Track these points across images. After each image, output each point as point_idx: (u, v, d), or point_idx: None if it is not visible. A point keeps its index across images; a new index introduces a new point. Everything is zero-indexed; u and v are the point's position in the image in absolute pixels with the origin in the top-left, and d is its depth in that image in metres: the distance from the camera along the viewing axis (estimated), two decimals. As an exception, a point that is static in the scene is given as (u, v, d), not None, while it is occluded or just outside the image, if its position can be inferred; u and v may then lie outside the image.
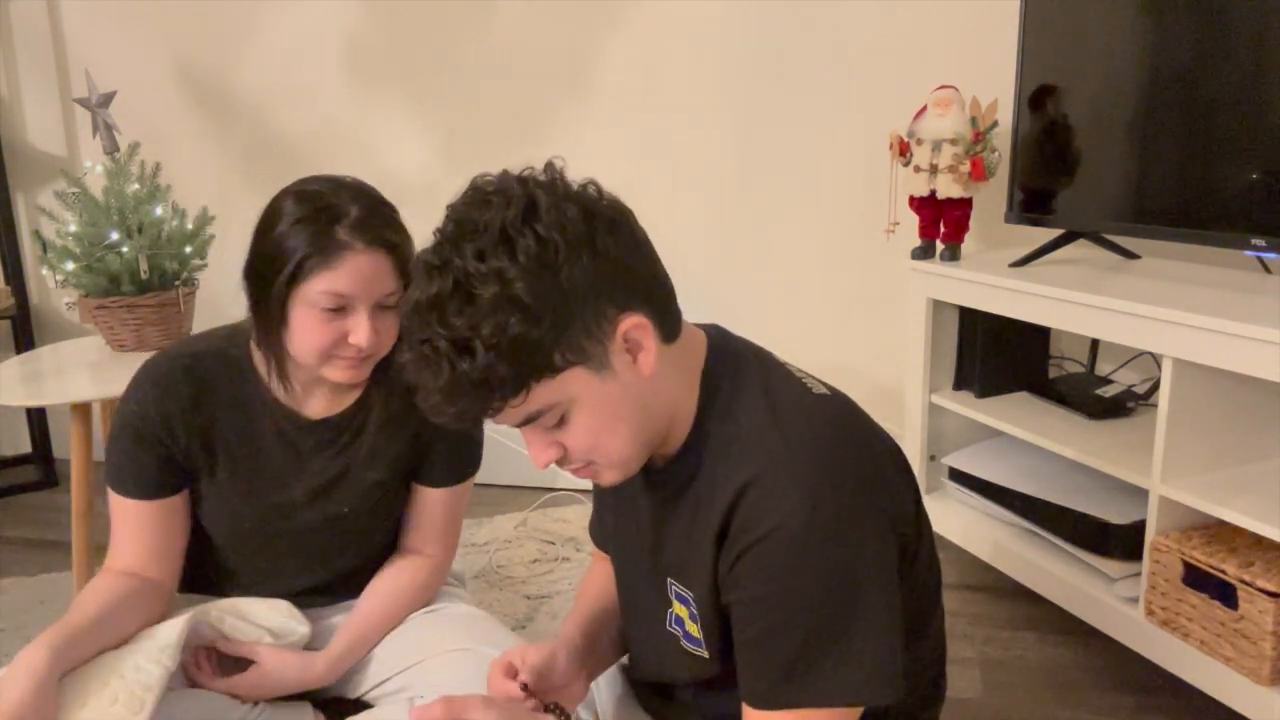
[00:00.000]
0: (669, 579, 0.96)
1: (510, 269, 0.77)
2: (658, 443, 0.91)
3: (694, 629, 0.95)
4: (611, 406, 0.84)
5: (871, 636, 0.83)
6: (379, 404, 1.25)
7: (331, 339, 1.14)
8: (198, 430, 1.21)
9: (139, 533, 1.22)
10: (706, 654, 0.95)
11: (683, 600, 0.96)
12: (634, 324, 0.83)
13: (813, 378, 0.94)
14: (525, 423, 0.84)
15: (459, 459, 1.32)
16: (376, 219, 1.14)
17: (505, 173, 0.84)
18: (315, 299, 1.12)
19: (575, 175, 0.86)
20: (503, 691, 0.99)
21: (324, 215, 1.12)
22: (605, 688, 1.15)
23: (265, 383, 1.23)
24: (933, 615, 1.03)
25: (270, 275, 1.13)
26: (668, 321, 0.88)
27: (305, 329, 1.14)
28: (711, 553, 0.88)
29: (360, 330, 1.13)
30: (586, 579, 1.22)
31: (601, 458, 0.88)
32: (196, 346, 1.24)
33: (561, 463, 0.89)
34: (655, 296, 0.86)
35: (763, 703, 0.86)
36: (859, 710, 0.85)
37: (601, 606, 1.14)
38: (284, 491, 1.25)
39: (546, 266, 0.78)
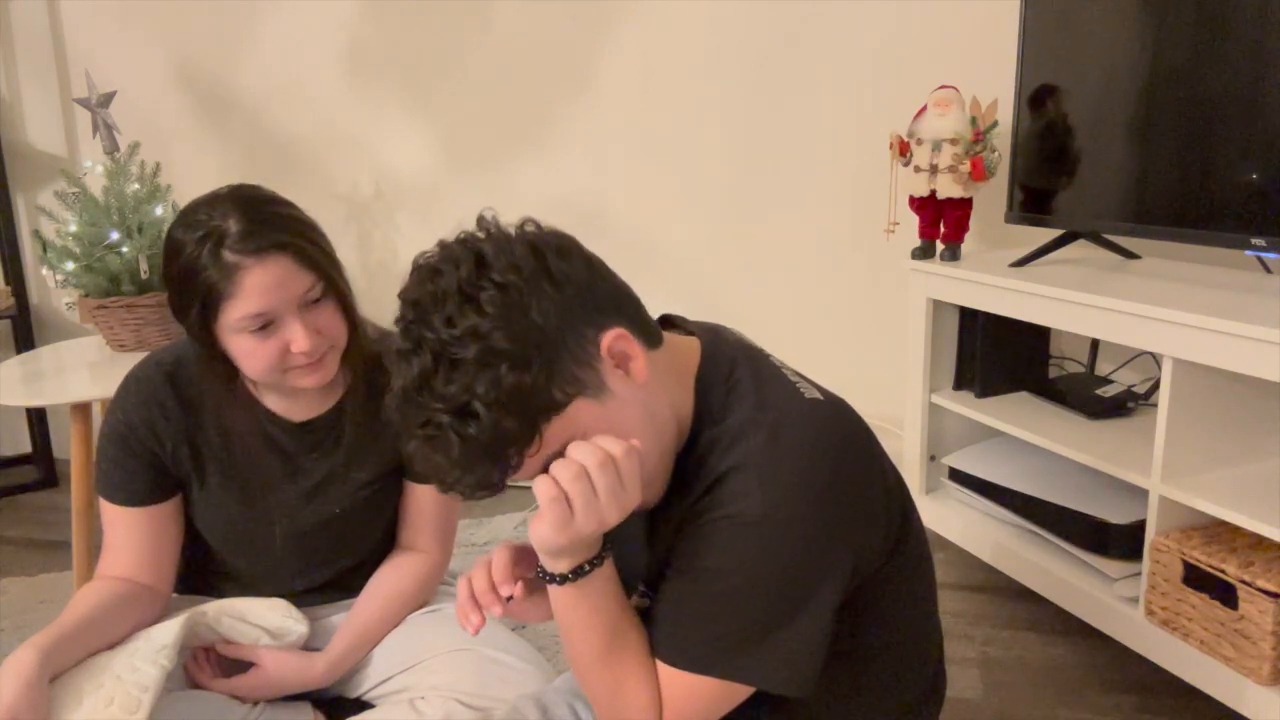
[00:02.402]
0: (640, 587, 0.97)
1: (483, 324, 0.77)
2: (674, 447, 0.91)
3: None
4: (621, 426, 0.84)
5: (786, 634, 0.85)
6: (353, 404, 1.25)
7: (274, 355, 1.12)
8: (184, 437, 1.21)
9: (130, 539, 1.22)
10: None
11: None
12: (615, 336, 0.83)
13: (807, 381, 0.93)
14: (545, 468, 0.83)
15: None
16: (261, 225, 1.10)
17: (441, 242, 0.84)
18: (237, 326, 1.10)
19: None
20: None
21: (209, 241, 1.08)
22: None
23: (250, 389, 1.23)
24: (924, 620, 1.03)
25: (186, 314, 1.12)
26: (644, 329, 0.88)
27: (245, 354, 1.13)
28: (678, 521, 0.89)
29: (297, 338, 1.11)
30: None
31: None
32: (180, 353, 1.23)
33: None
34: (625, 308, 0.87)
35: (668, 658, 0.89)
36: (741, 691, 0.88)
37: None
38: (276, 495, 1.25)
39: (515, 309, 0.78)
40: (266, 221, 1.11)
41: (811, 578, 0.85)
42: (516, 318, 0.78)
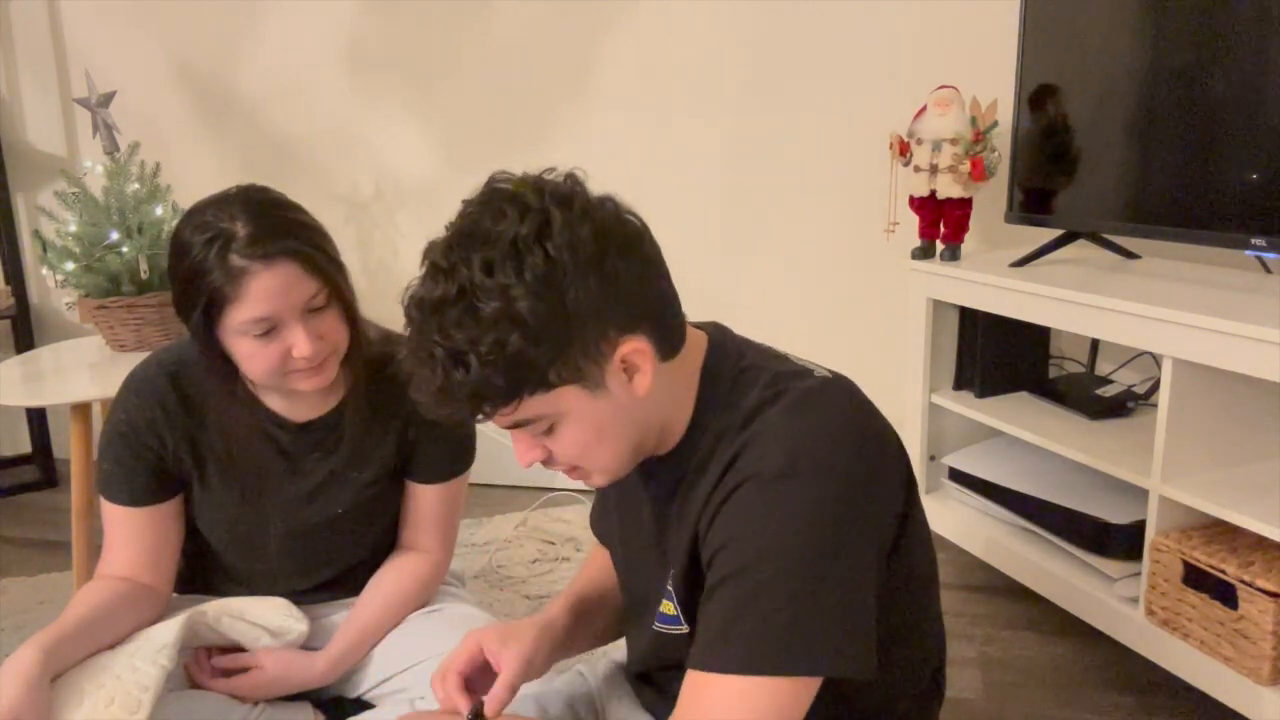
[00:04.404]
0: (671, 571, 0.97)
1: (516, 286, 0.77)
2: (648, 449, 0.92)
3: (669, 607, 0.95)
4: (601, 422, 0.85)
5: (836, 605, 0.79)
6: (353, 406, 1.25)
7: (276, 359, 1.12)
8: (185, 436, 1.21)
9: (131, 539, 1.22)
10: (685, 627, 0.94)
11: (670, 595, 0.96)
12: (634, 349, 0.83)
13: (815, 364, 0.94)
14: (514, 426, 0.85)
15: (449, 456, 1.32)
16: (268, 231, 1.09)
17: (524, 178, 0.84)
18: (240, 329, 1.10)
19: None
20: (448, 703, 0.98)
21: (216, 243, 1.08)
22: (606, 684, 1.15)
23: (251, 390, 1.23)
24: (926, 610, 1.02)
25: (189, 315, 1.12)
26: (669, 340, 0.87)
27: (246, 357, 1.13)
28: (698, 512, 0.88)
29: (299, 343, 1.11)
30: (585, 563, 1.23)
31: (588, 465, 0.89)
32: (182, 354, 1.23)
33: (547, 463, 0.89)
34: (659, 317, 0.86)
35: (701, 663, 0.81)
36: (806, 685, 0.80)
37: (594, 592, 1.15)
38: (277, 495, 1.25)
39: (552, 287, 0.78)
40: (275, 226, 1.10)
41: (847, 534, 0.81)
42: (550, 295, 0.78)
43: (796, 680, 0.80)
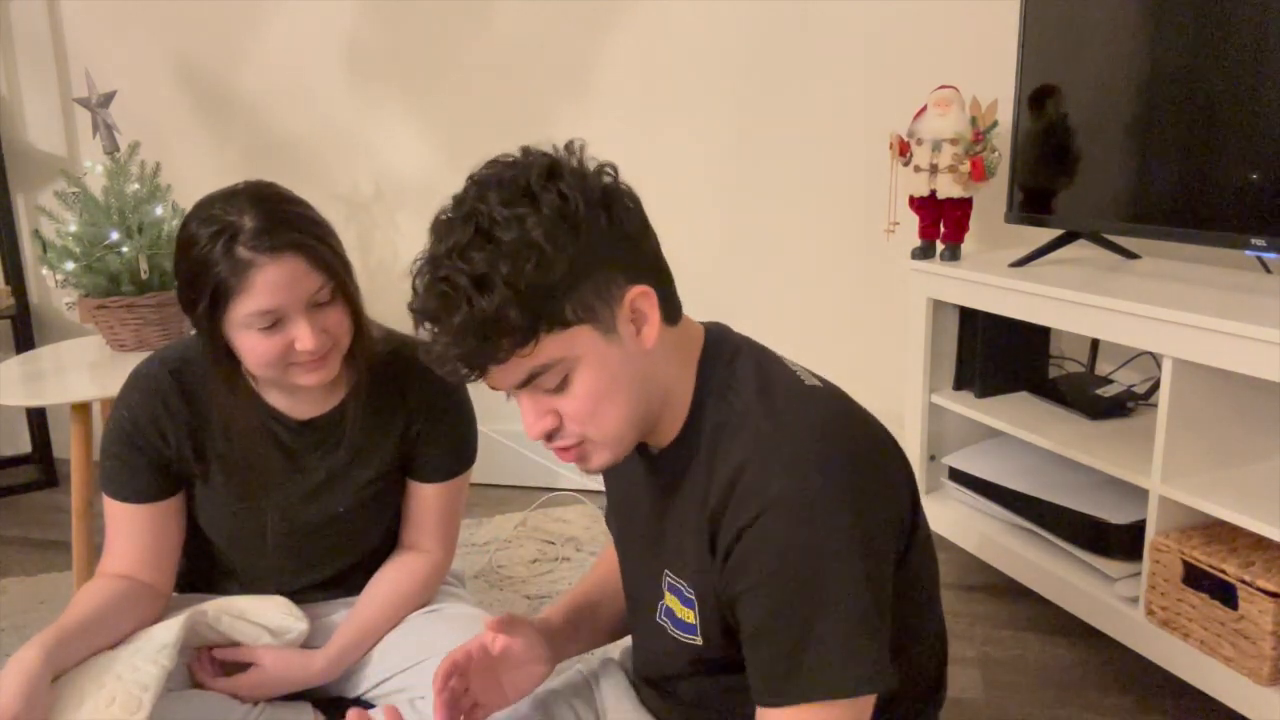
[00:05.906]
0: (665, 570, 0.97)
1: (531, 216, 0.80)
2: (649, 427, 0.92)
3: (688, 615, 0.95)
4: (612, 372, 0.86)
5: (866, 624, 0.82)
6: (355, 404, 1.25)
7: (279, 351, 1.13)
8: (188, 435, 1.21)
9: (133, 537, 1.22)
10: (700, 640, 0.95)
11: (675, 591, 0.96)
12: (641, 293, 0.86)
13: (807, 371, 0.95)
14: (527, 381, 0.85)
15: (451, 455, 1.32)
16: (276, 224, 1.10)
17: (526, 147, 0.88)
18: (244, 321, 1.11)
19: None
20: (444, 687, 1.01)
21: (223, 236, 1.09)
22: (606, 684, 1.15)
23: (253, 386, 1.23)
24: (930, 613, 1.02)
25: (194, 307, 1.12)
26: (670, 303, 0.90)
27: (249, 349, 1.13)
28: (706, 537, 0.88)
29: (303, 336, 1.12)
30: (594, 566, 1.24)
31: (595, 431, 0.88)
32: (185, 352, 1.24)
33: (554, 436, 0.89)
34: (660, 277, 0.89)
35: (766, 699, 0.85)
36: (867, 703, 0.83)
37: (596, 593, 1.16)
38: (279, 493, 1.25)
39: (566, 220, 0.81)
40: (282, 221, 1.11)
41: (859, 553, 0.82)
42: (563, 230, 0.81)
43: (856, 701, 0.82)
